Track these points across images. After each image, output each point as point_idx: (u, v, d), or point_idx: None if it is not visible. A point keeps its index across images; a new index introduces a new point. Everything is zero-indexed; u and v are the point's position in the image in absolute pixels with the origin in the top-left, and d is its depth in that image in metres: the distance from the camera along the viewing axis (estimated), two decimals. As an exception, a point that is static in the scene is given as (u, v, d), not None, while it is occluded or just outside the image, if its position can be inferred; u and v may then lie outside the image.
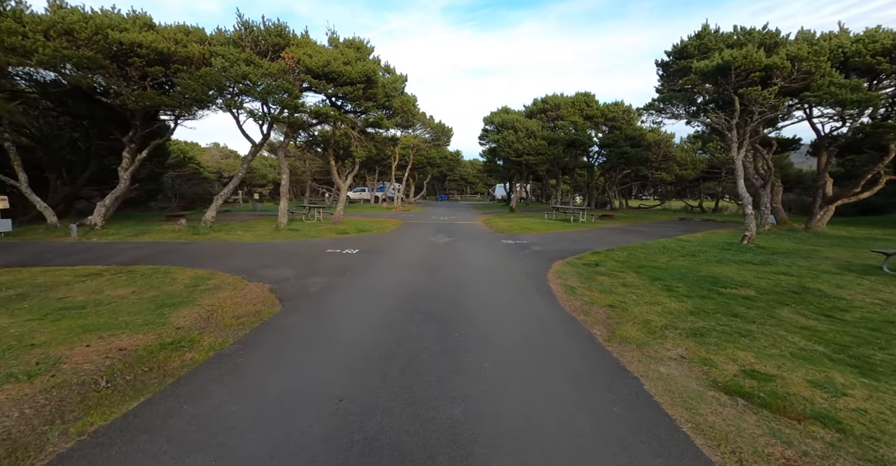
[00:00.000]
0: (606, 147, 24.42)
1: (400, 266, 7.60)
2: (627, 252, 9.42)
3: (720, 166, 27.35)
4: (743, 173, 10.23)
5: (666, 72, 14.48)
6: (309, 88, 12.85)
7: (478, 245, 10.68)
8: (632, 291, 5.79)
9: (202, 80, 10.54)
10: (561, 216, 20.09)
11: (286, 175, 12.94)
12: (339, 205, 15.12)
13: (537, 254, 9.12)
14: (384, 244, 10.57)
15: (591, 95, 25.72)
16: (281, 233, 12.12)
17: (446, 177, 57.05)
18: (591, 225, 16.84)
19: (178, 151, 27.68)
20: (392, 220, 18.51)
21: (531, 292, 5.79)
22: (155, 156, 18.26)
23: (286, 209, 12.86)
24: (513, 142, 21.86)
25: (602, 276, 6.84)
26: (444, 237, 12.27)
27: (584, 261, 8.25)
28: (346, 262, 7.81)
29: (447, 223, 17.68)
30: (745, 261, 7.92)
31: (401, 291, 5.67)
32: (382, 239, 11.73)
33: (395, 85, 14.22)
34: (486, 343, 3.79)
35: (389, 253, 9.00)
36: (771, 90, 8.69)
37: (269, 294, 5.38)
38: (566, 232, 14.29)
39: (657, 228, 15.64)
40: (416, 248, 9.89)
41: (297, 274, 6.66)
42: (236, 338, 3.72)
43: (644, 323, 4.38)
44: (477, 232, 14.20)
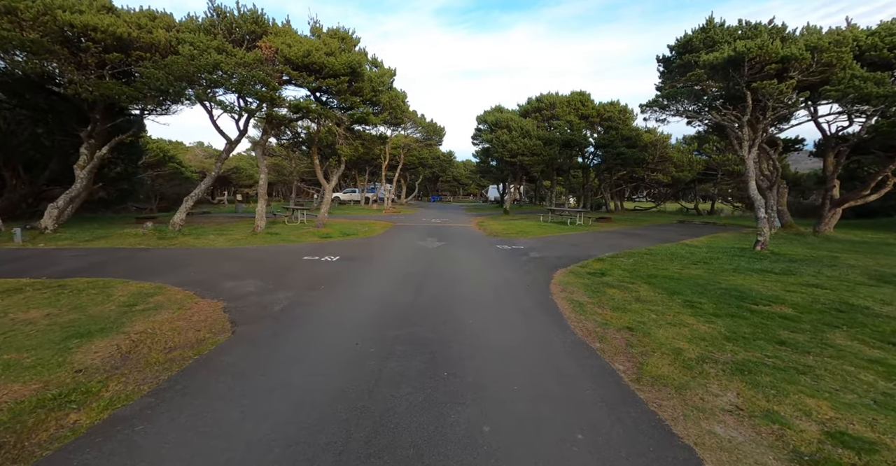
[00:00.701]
0: (602, 147, 23.82)
1: (383, 277, 6.73)
2: (633, 259, 8.66)
3: (716, 168, 26.98)
4: (754, 174, 9.56)
5: (668, 68, 13.82)
6: (289, 81, 11.92)
7: (471, 251, 9.85)
8: (649, 308, 5.00)
9: (167, 70, 9.56)
10: (557, 218, 19.38)
11: (264, 174, 11.98)
12: (323, 206, 14.18)
13: (536, 262, 8.31)
14: (369, 250, 9.68)
15: (586, 94, 25.12)
16: (257, 237, 11.16)
17: (439, 178, 56.25)
18: (589, 228, 16.14)
19: (156, 149, 26.41)
20: (380, 223, 17.60)
21: (535, 310, 4.97)
22: (126, 154, 17.13)
23: (264, 211, 11.90)
24: (507, 141, 21.11)
25: (612, 289, 6.05)
26: (434, 241, 11.41)
27: (588, 270, 7.46)
28: (322, 272, 6.90)
29: (438, 226, 16.83)
30: (765, 270, 7.20)
31: (382, 311, 4.80)
32: (368, 244, 10.83)
33: (382, 79, 13.36)
34: (484, 389, 2.95)
35: (373, 261, 8.11)
36: (788, 83, 8.03)
37: (220, 315, 4.47)
38: (564, 235, 13.54)
39: (658, 231, 14.98)
40: (403, 255, 9.02)
41: (263, 287, 5.75)
42: (153, 385, 2.82)
43: (675, 354, 3.58)
44: (470, 235, 13.38)
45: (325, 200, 14.21)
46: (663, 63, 14.17)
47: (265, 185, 11.97)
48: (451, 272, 7.17)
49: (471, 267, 7.66)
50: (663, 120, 12.41)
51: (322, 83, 11.43)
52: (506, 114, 23.08)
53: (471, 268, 7.57)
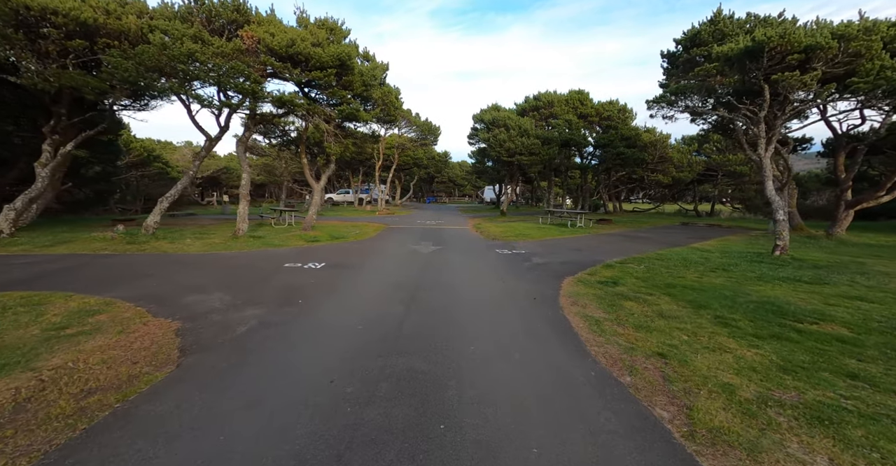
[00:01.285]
0: (602, 147, 23.25)
1: (371, 288, 5.98)
2: (645, 265, 7.99)
3: (717, 168, 26.51)
4: (771, 174, 8.95)
5: (673, 64, 13.22)
6: (274, 74, 11.14)
7: (469, 256, 9.12)
8: (677, 327, 4.31)
9: (137, 59, 8.75)
10: (556, 220, 18.72)
11: (247, 174, 11.18)
12: (311, 208, 13.40)
13: (540, 269, 7.60)
14: (358, 255, 8.92)
15: (585, 93, 24.54)
16: (238, 241, 10.35)
17: (434, 178, 55.54)
18: (590, 230, 15.49)
19: (140, 149, 25.43)
20: (373, 225, 16.84)
21: (546, 330, 4.25)
22: (103, 153, 16.22)
23: (246, 213, 11.09)
24: (504, 140, 20.45)
25: (628, 301, 5.36)
26: (429, 245, 10.68)
27: (598, 278, 6.76)
28: (303, 282, 6.14)
29: (434, 228, 16.10)
30: (793, 279, 6.55)
31: (366, 332, 4.06)
32: (358, 248, 10.07)
33: (374, 73, 12.61)
34: (493, 454, 2.22)
35: (362, 269, 7.36)
36: (812, 75, 7.42)
37: (170, 339, 3.70)
38: (565, 238, 12.86)
39: (662, 234, 14.37)
40: (395, 261, 8.27)
41: (231, 302, 4.98)
42: (36, 459, 2.05)
43: (726, 392, 2.87)
44: (467, 238, 12.66)
45: (314, 201, 13.42)
46: (668, 58, 13.57)
47: (248, 185, 11.18)
48: (448, 281, 6.43)
49: (469, 276, 6.93)
50: (671, 117, 11.80)
51: (308, 76, 10.67)
52: (503, 113, 22.43)
53: (469, 277, 6.84)
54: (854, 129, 12.74)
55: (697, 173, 26.50)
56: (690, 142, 27.43)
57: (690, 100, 10.19)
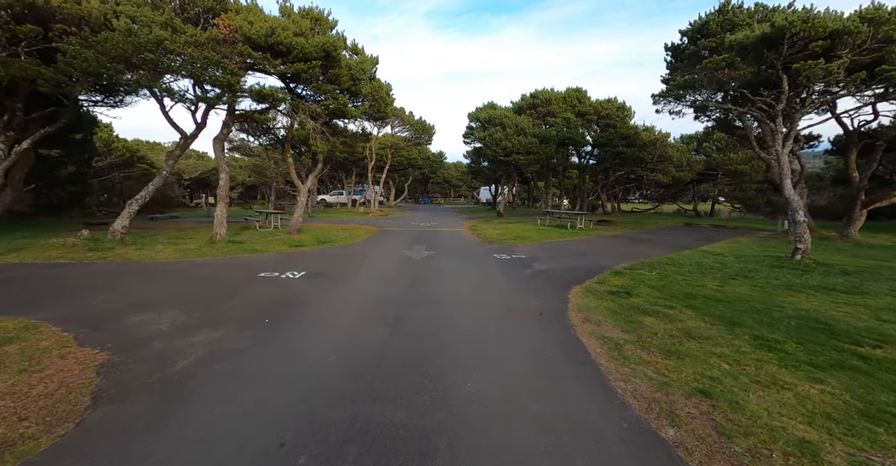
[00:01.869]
0: (601, 146, 22.64)
1: (353, 304, 5.22)
2: (657, 271, 7.30)
3: (716, 167, 26.03)
4: (788, 172, 8.31)
5: (677, 57, 12.60)
6: (253, 66, 10.35)
7: (465, 262, 8.38)
8: (712, 351, 3.60)
9: (100, 48, 7.94)
10: (555, 222, 18.06)
11: (225, 174, 10.38)
12: (297, 210, 12.60)
13: (543, 276, 6.88)
14: (344, 262, 8.16)
15: (582, 91, 23.95)
16: (215, 246, 9.54)
17: (429, 179, 54.82)
18: (591, 232, 14.83)
19: (122, 149, 24.41)
20: (364, 228, 16.06)
21: (557, 359, 3.52)
22: (76, 153, 15.32)
23: (225, 216, 10.28)
24: (501, 139, 19.76)
25: (647, 317, 4.65)
26: (422, 250, 9.93)
27: (608, 288, 6.06)
28: (274, 297, 5.37)
29: (428, 230, 15.35)
30: (826, 288, 5.88)
31: (338, 366, 3.31)
32: (344, 254, 9.30)
33: (362, 66, 11.86)
34: None
35: (345, 279, 6.59)
36: (839, 63, 6.79)
37: (86, 380, 2.93)
38: (566, 241, 12.17)
39: (667, 236, 13.73)
40: (383, 269, 7.52)
41: (183, 323, 4.21)
42: None
43: (809, 456, 2.16)
44: (462, 242, 11.93)
45: (300, 203, 12.63)
46: (671, 51, 12.96)
47: (226, 186, 10.37)
48: (441, 294, 5.69)
49: (465, 287, 6.19)
50: (678, 112, 11.17)
51: (291, 68, 9.89)
52: (499, 111, 21.75)
53: (465, 288, 6.10)
54: (865, 126, 12.18)
55: (697, 172, 26.00)
56: (689, 140, 26.96)
57: (700, 93, 9.55)
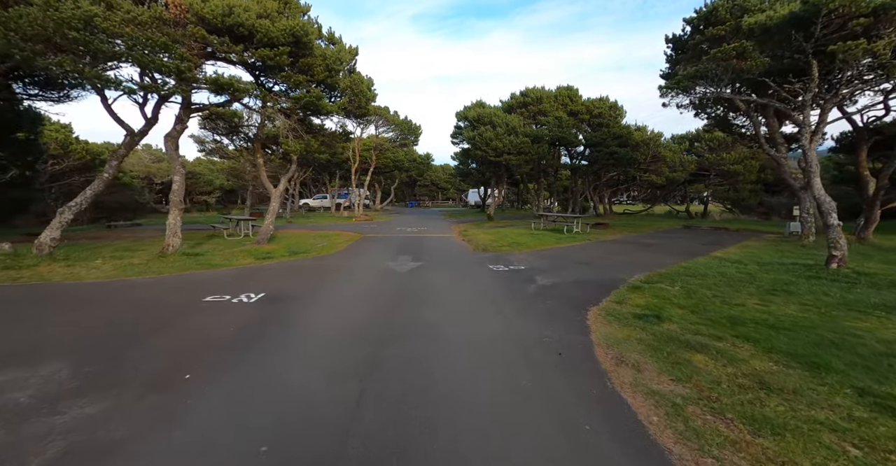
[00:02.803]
0: (593, 146, 21.86)
1: (314, 342, 4.03)
2: (679, 285, 6.30)
3: (709, 168, 25.56)
4: (818, 170, 7.44)
5: (680, 48, 11.78)
6: (213, 55, 9.08)
7: (456, 276, 7.24)
8: (815, 419, 2.55)
9: (11, 25, 6.57)
10: (550, 225, 17.11)
11: (179, 176, 9.03)
12: (268, 216, 11.29)
13: (551, 294, 5.80)
14: (315, 279, 6.93)
15: (574, 90, 23.18)
16: (166, 261, 8.20)
17: (416, 182, 53.67)
18: (589, 236, 13.89)
19: (82, 151, 22.52)
20: (346, 234, 14.80)
21: (601, 446, 2.39)
22: (19, 154, 13.65)
23: (178, 225, 8.92)
24: (491, 139, 18.75)
25: (695, 353, 3.61)
26: (408, 261, 8.77)
27: (631, 309, 5.02)
28: (212, 335, 4.13)
29: (415, 236, 14.19)
30: (889, 306, 4.94)
31: (281, 456, 2.12)
32: (317, 267, 8.07)
33: (339, 56, 10.68)
34: None
35: (312, 303, 5.38)
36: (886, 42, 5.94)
37: None
38: (565, 248, 11.17)
39: (670, 239, 12.87)
40: (360, 288, 6.33)
41: (59, 386, 2.96)
42: None
43: None
44: (453, 250, 10.80)
45: (271, 209, 11.31)
46: (672, 43, 12.14)
47: (181, 191, 9.02)
48: (429, 325, 4.53)
49: (459, 312, 5.05)
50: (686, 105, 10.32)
51: (256, 55, 8.66)
52: (488, 110, 20.77)
53: (459, 314, 4.96)
54: (875, 122, 11.55)
55: (689, 173, 25.49)
56: (681, 140, 26.49)
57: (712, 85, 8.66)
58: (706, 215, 27.10)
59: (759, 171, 23.65)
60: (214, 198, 43.00)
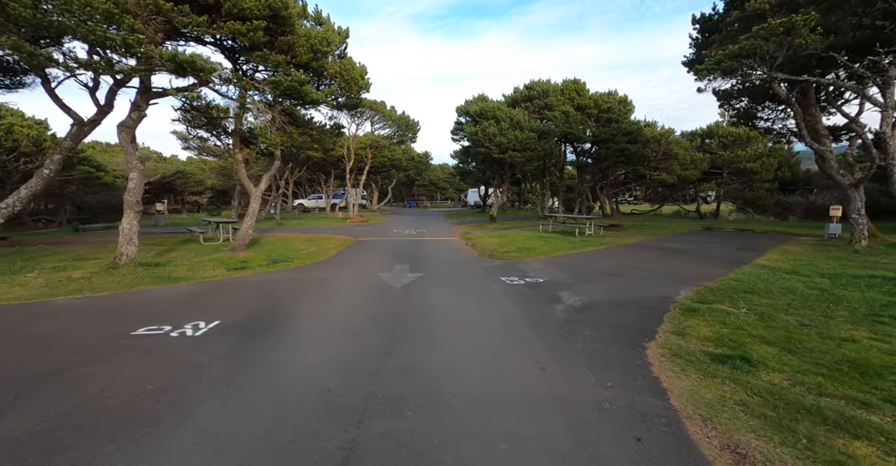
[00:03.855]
0: (602, 143, 20.58)
1: (264, 416, 2.70)
2: (744, 305, 5.02)
3: (722, 166, 24.32)
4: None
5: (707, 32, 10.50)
6: (181, 33, 7.75)
7: (465, 295, 5.92)
8: None
9: None
10: (559, 227, 15.82)
11: (136, 173, 7.70)
12: (247, 219, 9.96)
13: (588, 321, 4.49)
14: (290, 298, 5.60)
15: (581, 83, 21.91)
16: (115, 273, 6.87)
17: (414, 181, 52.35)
18: (605, 240, 12.60)
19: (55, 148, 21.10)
20: (338, 238, 13.49)
21: None
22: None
23: (134, 231, 7.58)
24: (494, 134, 17.45)
25: (850, 439, 2.34)
26: (405, 272, 7.46)
27: (701, 345, 3.75)
28: (111, 402, 2.81)
29: (413, 240, 12.88)
30: None
31: None
32: (297, 281, 6.74)
33: (327, 37, 9.36)
34: None
35: (275, 340, 4.06)
36: None
37: None
38: (583, 254, 9.88)
39: (697, 243, 11.58)
40: (343, 314, 5.00)
41: None
42: None
43: None
44: (456, 257, 9.50)
45: (250, 211, 9.98)
46: (700, 24, 10.86)
47: (137, 190, 7.68)
48: (433, 376, 3.22)
49: (472, 355, 3.73)
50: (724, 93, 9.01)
51: (225, 30, 7.32)
52: (491, 103, 19.46)
53: (473, 358, 3.65)
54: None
55: (701, 171, 24.24)
56: (692, 137, 25.27)
57: (766, 64, 7.29)
58: (718, 215, 25.84)
59: (777, 169, 22.42)
60: (206, 198, 41.56)
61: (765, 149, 22.65)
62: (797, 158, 24.23)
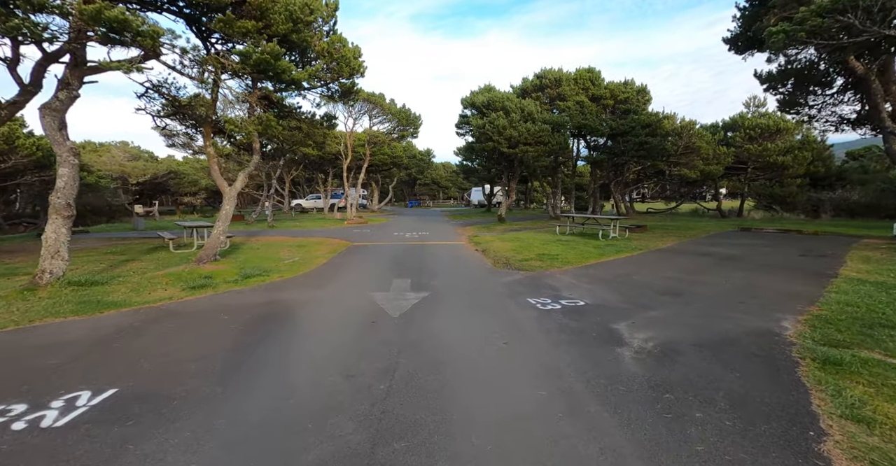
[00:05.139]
0: (620, 135, 18.91)
1: None
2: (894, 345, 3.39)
3: (747, 160, 22.59)
4: None
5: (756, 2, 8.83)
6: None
7: (484, 325, 4.29)
8: None
9: None
10: (576, 228, 14.19)
11: (67, 168, 6.15)
12: (218, 224, 8.39)
13: (677, 380, 2.86)
14: (244, 336, 4.01)
15: (595, 72, 20.25)
16: (30, 297, 5.31)
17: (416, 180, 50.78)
18: (632, 243, 10.97)
19: (31, 146, 19.58)
20: (330, 242, 11.95)
21: None
22: None
23: (63, 241, 6.03)
24: (504, 127, 15.82)
25: None
26: (405, 289, 5.87)
27: None
28: None
29: (415, 245, 11.30)
30: None
31: None
32: (264, 307, 5.15)
33: (310, 3, 7.77)
34: None
35: (197, 419, 2.46)
36: None
37: None
38: (617, 262, 8.27)
39: (746, 247, 9.92)
40: (317, 359, 3.40)
41: None
42: None
43: None
44: (467, 268, 7.90)
45: (222, 214, 8.41)
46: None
47: (69, 190, 6.14)
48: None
49: (514, 448, 2.12)
50: (795, 62, 7.35)
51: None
52: (499, 94, 17.82)
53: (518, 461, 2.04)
54: None
55: (725, 166, 22.51)
56: (714, 129, 23.55)
57: (877, 22, 5.64)
58: (741, 213, 24.09)
59: (809, 163, 20.68)
60: (200, 199, 40.06)
61: (797, 141, 20.92)
62: (830, 152, 22.45)
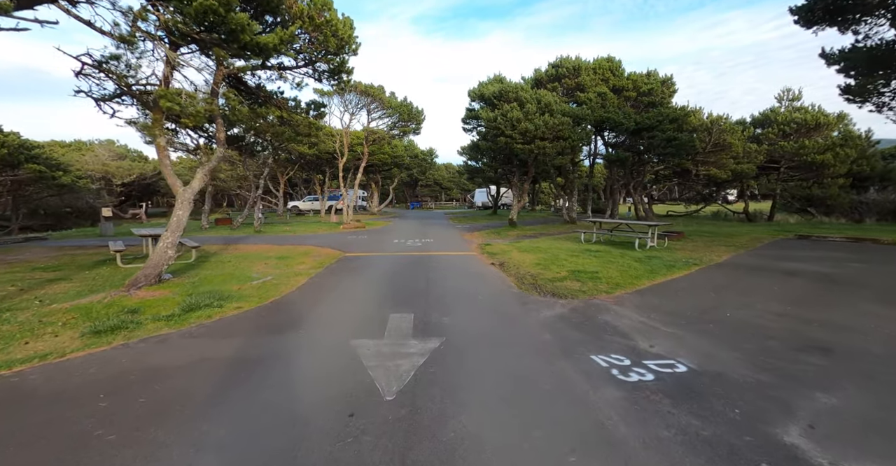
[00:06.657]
0: (646, 130, 17.01)
1: None
2: None
3: (781, 159, 20.67)
4: None
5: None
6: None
7: (541, 422, 2.37)
8: None
9: None
10: (603, 235, 12.29)
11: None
12: (165, 235, 6.54)
13: None
14: (123, 444, 2.11)
15: (615, 61, 18.39)
16: None
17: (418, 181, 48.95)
18: (681, 255, 9.07)
19: (-7, 143, 17.78)
20: (319, 253, 10.08)
21: None
22: None
23: None
24: (519, 119, 13.94)
25: None
26: (405, 333, 3.97)
27: None
28: None
29: (417, 257, 9.41)
30: None
31: None
32: (191, 371, 3.26)
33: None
34: None
35: None
36: None
37: None
38: (680, 282, 6.37)
39: (832, 263, 8.01)
40: None
41: None
42: None
43: None
44: (485, 288, 5.99)
45: (172, 222, 6.58)
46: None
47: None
48: None
49: None
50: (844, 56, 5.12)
51: None
52: (511, 84, 15.96)
53: None
54: None
55: (757, 165, 20.59)
56: (743, 125, 21.61)
57: None
58: (773, 217, 22.13)
59: (853, 162, 18.74)
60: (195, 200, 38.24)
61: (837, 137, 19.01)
62: (874, 149, 20.48)
